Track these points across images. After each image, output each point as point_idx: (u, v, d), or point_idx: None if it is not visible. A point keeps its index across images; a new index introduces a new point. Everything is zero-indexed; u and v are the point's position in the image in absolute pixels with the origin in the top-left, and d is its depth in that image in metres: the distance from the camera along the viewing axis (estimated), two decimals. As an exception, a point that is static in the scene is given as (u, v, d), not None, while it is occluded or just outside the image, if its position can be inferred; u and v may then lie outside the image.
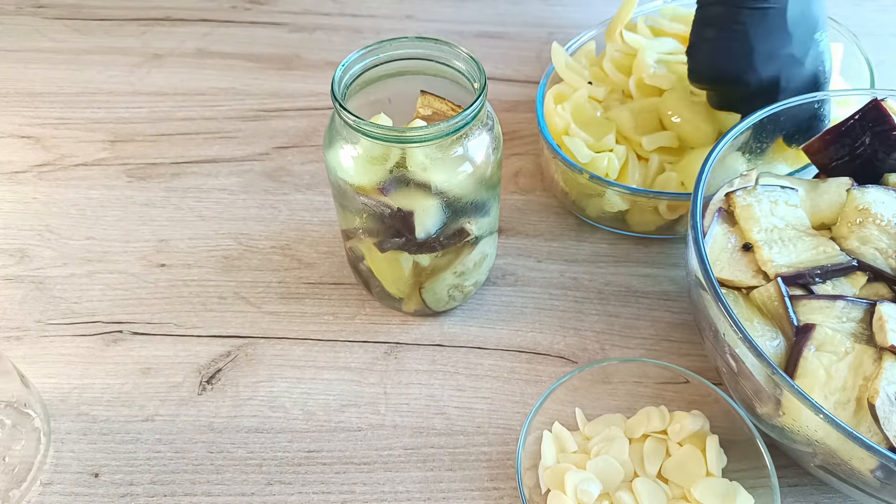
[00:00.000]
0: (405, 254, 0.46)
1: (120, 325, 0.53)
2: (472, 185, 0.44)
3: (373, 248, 0.47)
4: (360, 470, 0.46)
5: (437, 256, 0.47)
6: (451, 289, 0.50)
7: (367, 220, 0.45)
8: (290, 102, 0.70)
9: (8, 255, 0.57)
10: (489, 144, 0.44)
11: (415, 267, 0.47)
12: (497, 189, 0.47)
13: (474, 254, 0.49)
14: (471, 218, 0.46)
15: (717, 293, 0.40)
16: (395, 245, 0.46)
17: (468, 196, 0.44)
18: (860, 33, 0.63)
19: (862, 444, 0.34)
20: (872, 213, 0.45)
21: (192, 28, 0.79)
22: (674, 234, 0.57)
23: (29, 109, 0.69)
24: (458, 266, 0.48)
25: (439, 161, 0.42)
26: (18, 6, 0.82)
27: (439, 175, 0.42)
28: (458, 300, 0.52)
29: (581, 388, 0.46)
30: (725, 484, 0.42)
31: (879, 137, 0.48)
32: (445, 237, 0.46)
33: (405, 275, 0.48)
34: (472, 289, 0.52)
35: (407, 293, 0.50)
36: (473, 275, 0.51)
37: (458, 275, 0.49)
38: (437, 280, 0.49)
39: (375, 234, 0.46)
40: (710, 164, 0.47)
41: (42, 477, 0.45)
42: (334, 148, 0.44)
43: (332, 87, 0.41)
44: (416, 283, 0.49)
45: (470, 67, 0.43)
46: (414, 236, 0.44)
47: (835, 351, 0.40)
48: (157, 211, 0.61)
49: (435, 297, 0.51)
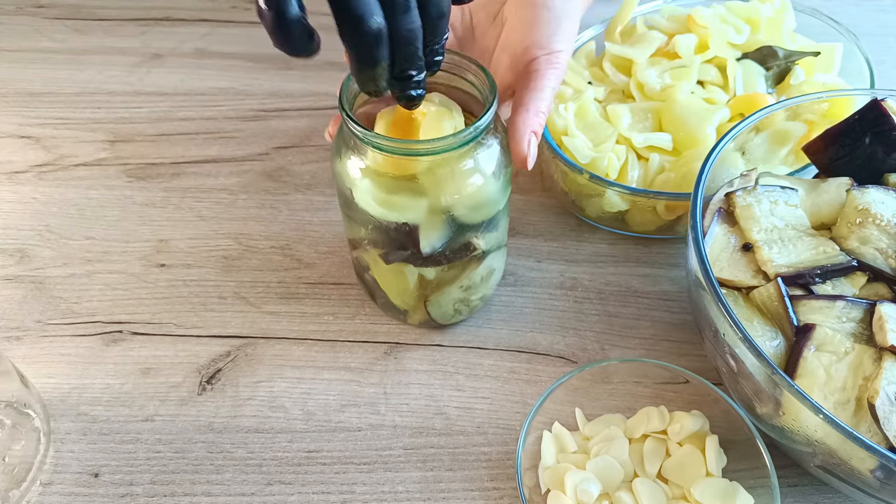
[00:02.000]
0: (410, 266, 0.45)
1: (120, 325, 0.53)
2: (481, 199, 0.43)
3: (378, 259, 0.46)
4: (360, 470, 0.46)
5: (443, 270, 0.46)
6: (457, 303, 0.49)
7: (373, 231, 0.44)
8: (290, 102, 0.70)
9: (8, 255, 0.57)
10: (500, 156, 0.43)
11: (420, 280, 0.47)
12: (507, 203, 0.46)
13: (481, 268, 0.48)
14: (478, 233, 0.45)
15: (717, 293, 0.40)
16: (399, 257, 0.45)
17: (476, 210, 0.43)
18: (860, 33, 0.64)
19: (862, 444, 0.34)
20: (872, 213, 0.45)
21: (192, 28, 0.79)
22: (674, 234, 0.57)
23: (29, 109, 0.69)
24: (465, 280, 0.48)
25: (447, 174, 0.41)
26: (18, 6, 0.82)
27: (447, 188, 0.41)
28: (463, 314, 0.51)
29: (581, 388, 0.46)
30: (725, 484, 0.42)
31: (879, 137, 0.48)
32: (451, 251, 0.45)
33: (410, 287, 0.47)
34: (478, 303, 0.51)
35: (412, 306, 0.49)
36: (480, 289, 0.50)
37: (465, 289, 0.48)
38: (442, 294, 0.48)
39: (380, 245, 0.45)
40: (710, 164, 0.47)
41: (42, 477, 0.45)
42: (342, 157, 0.43)
43: (340, 96, 0.40)
44: (421, 296, 0.48)
45: (479, 78, 0.42)
46: (419, 250, 0.44)
47: (835, 351, 0.40)
48: (157, 211, 0.61)
49: (440, 311, 0.50)
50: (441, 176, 0.41)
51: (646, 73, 0.60)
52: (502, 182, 0.43)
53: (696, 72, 0.59)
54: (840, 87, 0.61)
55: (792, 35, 0.64)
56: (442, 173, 0.41)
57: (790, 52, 0.61)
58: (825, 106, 0.55)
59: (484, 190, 0.42)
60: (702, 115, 0.57)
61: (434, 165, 0.41)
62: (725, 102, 0.59)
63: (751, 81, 0.60)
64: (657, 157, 0.57)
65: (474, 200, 0.42)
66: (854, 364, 0.39)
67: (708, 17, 0.62)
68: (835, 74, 0.62)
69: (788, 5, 0.65)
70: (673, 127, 0.57)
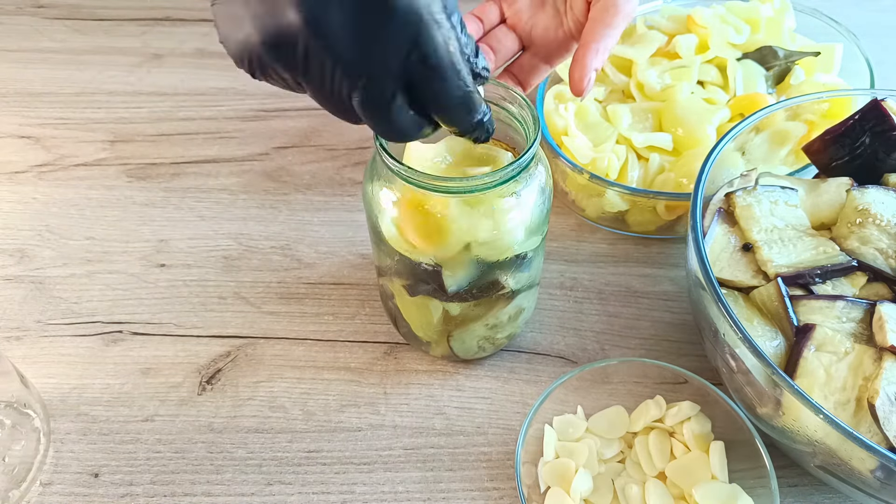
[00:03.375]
0: (435, 301, 0.44)
1: (120, 326, 0.53)
2: (515, 240, 0.40)
3: (402, 290, 0.44)
4: (360, 470, 0.46)
5: (469, 307, 0.44)
6: (482, 340, 0.47)
7: (398, 262, 0.42)
8: (290, 102, 0.70)
9: (8, 255, 0.57)
10: (538, 195, 0.40)
11: (444, 315, 0.45)
12: (542, 242, 0.43)
13: (510, 307, 0.45)
14: (509, 272, 0.42)
15: (717, 293, 0.40)
16: (424, 291, 0.43)
17: (509, 251, 0.40)
18: (860, 33, 0.64)
19: (862, 444, 0.34)
20: (872, 213, 0.45)
21: (192, 28, 0.79)
22: (674, 234, 0.57)
23: (29, 109, 0.69)
24: (491, 319, 0.45)
25: (481, 212, 0.38)
26: (18, 6, 0.82)
27: (479, 227, 0.39)
28: (487, 351, 0.50)
29: (581, 389, 0.46)
30: (727, 488, 0.42)
31: (879, 137, 0.48)
32: (479, 289, 0.42)
33: (433, 321, 0.45)
34: (504, 341, 0.49)
35: (434, 339, 0.48)
36: (507, 328, 0.48)
37: (491, 327, 0.46)
38: (466, 330, 0.46)
39: (405, 276, 0.43)
40: (710, 164, 0.47)
41: (42, 477, 0.45)
42: (374, 185, 0.40)
43: None
44: (444, 331, 0.46)
45: (523, 111, 0.40)
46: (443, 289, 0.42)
47: (835, 351, 0.40)
48: (157, 211, 0.61)
49: (463, 347, 0.48)
50: (473, 214, 0.38)
51: (646, 73, 0.60)
52: (539, 221, 0.41)
53: (696, 72, 0.59)
54: (840, 87, 0.61)
55: (792, 35, 0.64)
56: (475, 211, 0.38)
57: (790, 52, 0.61)
58: (825, 106, 0.55)
59: (518, 229, 0.40)
60: (702, 115, 0.57)
61: (468, 202, 0.38)
62: (725, 102, 0.59)
63: (751, 81, 0.60)
64: (657, 157, 0.57)
65: (507, 241, 0.40)
66: (854, 364, 0.39)
67: (708, 17, 0.62)
68: (835, 74, 0.62)
69: (788, 5, 0.65)
70: (673, 127, 0.57)
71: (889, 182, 0.48)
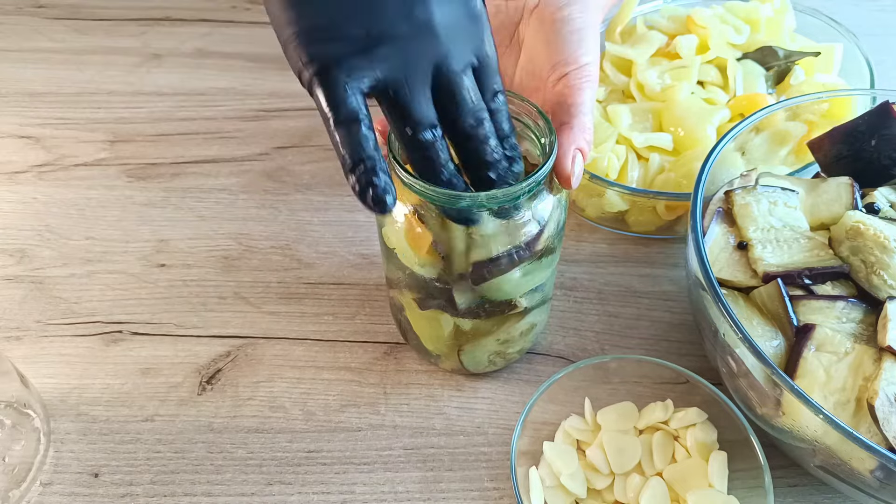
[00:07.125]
0: (446, 315, 0.43)
1: (120, 325, 0.53)
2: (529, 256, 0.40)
3: (413, 303, 0.44)
4: (360, 470, 0.46)
5: (480, 321, 0.44)
6: (493, 355, 0.47)
7: (409, 276, 0.42)
8: (290, 102, 0.70)
9: (8, 255, 0.57)
10: (553, 209, 0.40)
11: (455, 329, 0.44)
12: (556, 258, 0.43)
13: (521, 324, 0.45)
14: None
15: (717, 293, 0.40)
16: (434, 305, 0.43)
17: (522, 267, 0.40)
18: (860, 33, 0.63)
19: (861, 444, 0.34)
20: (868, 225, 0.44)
21: (192, 28, 0.79)
22: (674, 234, 0.57)
23: (29, 109, 0.69)
24: (503, 334, 0.45)
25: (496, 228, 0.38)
26: (18, 6, 0.82)
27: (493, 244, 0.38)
28: (498, 365, 0.49)
29: (581, 389, 0.46)
30: (722, 497, 0.41)
31: (887, 140, 0.47)
32: (491, 306, 0.42)
33: (444, 336, 0.45)
34: (515, 356, 0.49)
35: (444, 353, 0.47)
36: (518, 343, 0.47)
37: (502, 342, 0.46)
38: (477, 345, 0.46)
39: (415, 290, 0.43)
40: (710, 164, 0.47)
41: (42, 477, 0.45)
42: None
43: (389, 137, 0.37)
44: (454, 345, 0.46)
45: (537, 122, 0.39)
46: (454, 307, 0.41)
47: (835, 351, 0.40)
48: (157, 211, 0.61)
49: (474, 361, 0.48)
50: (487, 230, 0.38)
51: (646, 73, 0.60)
52: (555, 235, 0.41)
53: (696, 72, 0.59)
54: (840, 87, 0.61)
55: (792, 35, 0.64)
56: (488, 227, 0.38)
57: (790, 52, 0.61)
58: (825, 106, 0.55)
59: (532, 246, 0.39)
60: (702, 115, 0.57)
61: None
62: (725, 102, 0.59)
63: (751, 81, 0.60)
64: (657, 157, 0.57)
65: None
66: (854, 364, 0.39)
67: (708, 17, 0.62)
68: (835, 74, 0.62)
69: (788, 5, 0.65)
70: (673, 127, 0.57)
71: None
